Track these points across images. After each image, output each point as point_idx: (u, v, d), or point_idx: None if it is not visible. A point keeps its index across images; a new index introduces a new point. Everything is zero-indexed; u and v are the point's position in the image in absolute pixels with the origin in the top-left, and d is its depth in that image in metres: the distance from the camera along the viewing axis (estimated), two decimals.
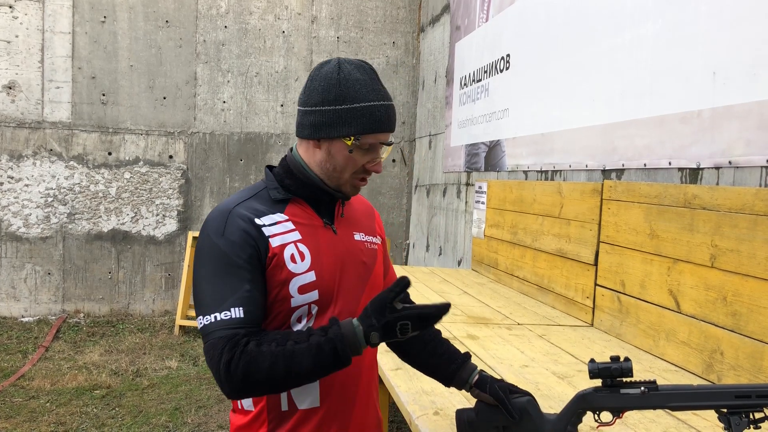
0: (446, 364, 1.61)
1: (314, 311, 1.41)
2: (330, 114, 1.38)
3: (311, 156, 1.44)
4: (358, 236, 1.52)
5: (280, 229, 1.39)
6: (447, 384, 1.64)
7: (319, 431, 1.43)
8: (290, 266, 1.37)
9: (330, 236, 1.46)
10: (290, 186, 1.45)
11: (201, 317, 1.30)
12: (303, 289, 1.38)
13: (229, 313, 1.27)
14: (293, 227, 1.41)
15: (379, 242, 1.60)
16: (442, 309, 1.31)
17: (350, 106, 1.37)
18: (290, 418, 1.41)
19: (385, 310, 1.27)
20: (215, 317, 1.27)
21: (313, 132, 1.41)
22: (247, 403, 1.45)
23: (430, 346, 1.63)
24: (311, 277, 1.39)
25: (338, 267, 1.44)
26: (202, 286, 1.32)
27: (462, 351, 1.63)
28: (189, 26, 7.16)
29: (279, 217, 1.41)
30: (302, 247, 1.40)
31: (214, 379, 1.41)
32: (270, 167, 1.51)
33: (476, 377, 1.58)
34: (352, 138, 1.38)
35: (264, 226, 1.38)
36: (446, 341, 1.66)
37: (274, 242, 1.37)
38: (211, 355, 1.26)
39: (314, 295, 1.39)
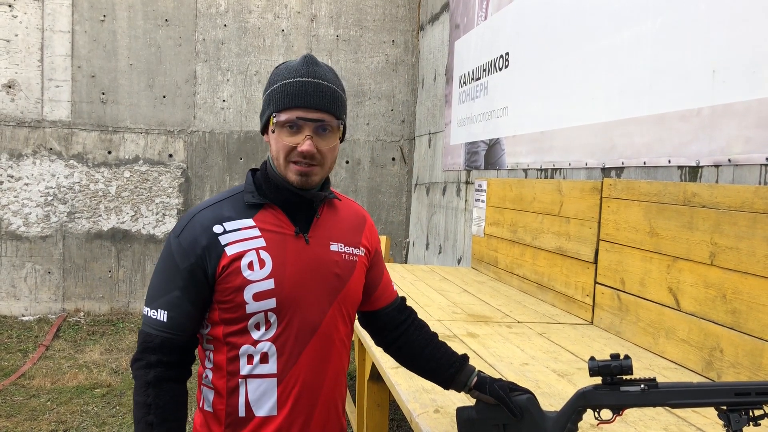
0: (444, 368, 1.61)
1: (273, 320, 1.40)
2: (262, 103, 1.45)
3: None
4: (334, 247, 1.49)
5: (242, 236, 1.40)
6: (446, 387, 1.64)
7: None
8: (246, 273, 1.38)
9: (300, 246, 1.44)
10: (266, 191, 1.46)
11: (144, 305, 1.45)
12: (258, 297, 1.38)
13: (156, 314, 1.41)
14: (258, 234, 1.42)
15: (362, 254, 1.55)
16: None
17: (271, 88, 1.42)
18: (246, 425, 1.42)
19: None
20: (147, 311, 1.43)
21: (261, 127, 1.48)
22: (207, 403, 1.46)
23: (427, 350, 1.63)
24: (269, 284, 1.39)
25: (303, 277, 1.43)
26: (153, 276, 1.45)
27: (462, 349, 1.63)
28: (188, 25, 7.15)
29: (245, 223, 1.42)
30: (264, 255, 1.40)
31: None
32: (253, 170, 1.51)
33: (475, 379, 1.58)
34: (273, 118, 1.40)
35: (223, 233, 1.40)
36: (443, 344, 1.66)
37: (231, 249, 1.39)
38: (138, 339, 1.44)
39: (271, 302, 1.39)
